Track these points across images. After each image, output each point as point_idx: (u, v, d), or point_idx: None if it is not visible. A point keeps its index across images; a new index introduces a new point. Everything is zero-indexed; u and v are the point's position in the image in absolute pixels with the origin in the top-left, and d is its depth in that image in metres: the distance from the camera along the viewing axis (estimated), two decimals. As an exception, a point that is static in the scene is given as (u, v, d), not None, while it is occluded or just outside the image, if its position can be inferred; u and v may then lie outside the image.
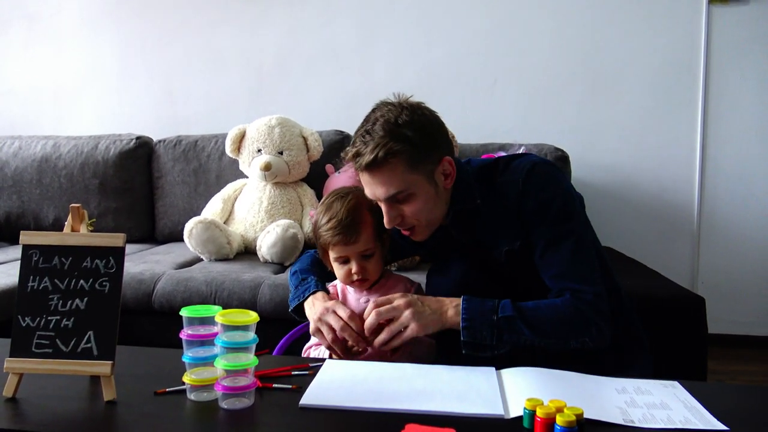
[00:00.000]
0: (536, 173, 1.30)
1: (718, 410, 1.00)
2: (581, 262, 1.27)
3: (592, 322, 1.23)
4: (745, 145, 2.84)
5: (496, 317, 1.20)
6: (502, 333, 1.20)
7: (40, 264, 1.08)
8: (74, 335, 1.05)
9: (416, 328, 1.21)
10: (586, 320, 1.23)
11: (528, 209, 1.29)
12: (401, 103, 1.29)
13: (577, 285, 1.25)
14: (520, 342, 1.22)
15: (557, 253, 1.27)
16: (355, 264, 1.34)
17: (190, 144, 2.89)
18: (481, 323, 1.20)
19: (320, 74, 3.08)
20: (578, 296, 1.24)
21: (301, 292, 1.39)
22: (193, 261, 2.41)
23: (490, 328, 1.20)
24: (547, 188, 1.29)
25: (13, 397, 1.05)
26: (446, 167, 1.30)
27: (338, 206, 1.35)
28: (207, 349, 1.08)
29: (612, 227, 2.85)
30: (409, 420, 0.92)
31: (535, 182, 1.29)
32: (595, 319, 1.24)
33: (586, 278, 1.26)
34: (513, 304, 1.23)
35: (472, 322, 1.20)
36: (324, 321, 1.30)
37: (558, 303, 1.25)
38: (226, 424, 0.99)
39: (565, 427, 0.88)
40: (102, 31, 3.25)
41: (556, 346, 1.24)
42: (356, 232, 1.32)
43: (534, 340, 1.22)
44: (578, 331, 1.23)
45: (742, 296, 2.87)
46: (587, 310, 1.23)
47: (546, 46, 2.92)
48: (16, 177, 2.91)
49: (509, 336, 1.21)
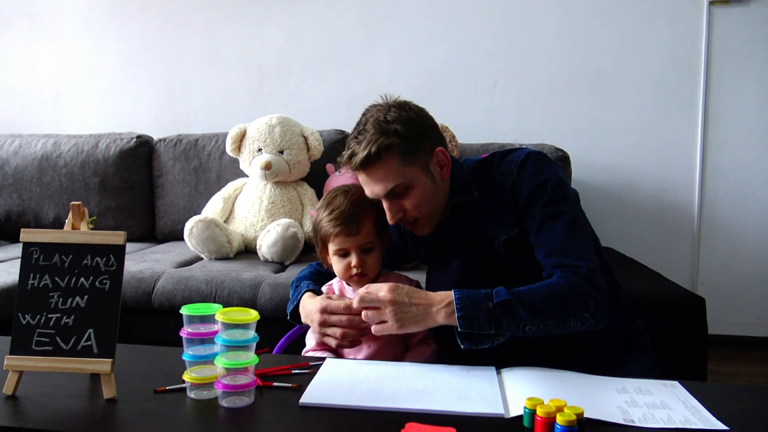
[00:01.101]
0: (530, 161, 1.33)
1: (718, 410, 1.00)
2: (574, 240, 1.27)
3: (588, 296, 1.20)
4: (745, 146, 2.84)
5: (491, 304, 1.17)
6: (500, 319, 1.16)
7: (40, 262, 1.08)
8: (74, 333, 1.05)
9: (394, 327, 1.18)
10: (582, 294, 1.20)
11: (523, 194, 1.31)
12: (388, 103, 1.33)
13: (570, 260, 1.24)
14: (519, 329, 1.17)
15: (551, 231, 1.27)
16: (355, 257, 1.34)
17: (190, 143, 2.89)
18: (477, 311, 1.16)
19: (321, 74, 3.08)
20: (572, 271, 1.22)
21: (295, 297, 1.41)
22: (194, 260, 2.41)
23: (486, 315, 1.16)
24: (540, 173, 1.31)
25: (13, 394, 1.05)
26: (440, 157, 1.34)
27: (341, 199, 1.36)
28: (207, 348, 1.08)
29: (612, 228, 2.85)
30: (409, 419, 0.92)
31: (528, 169, 1.32)
32: (592, 292, 1.21)
33: (580, 254, 1.25)
34: (507, 289, 1.20)
35: (468, 312, 1.16)
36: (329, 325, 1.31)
37: (552, 281, 1.23)
38: (226, 423, 0.99)
39: (566, 427, 0.88)
40: (103, 30, 3.25)
41: (556, 328, 1.19)
42: (358, 224, 1.33)
43: (533, 323, 1.17)
44: (576, 306, 1.20)
45: (743, 297, 2.87)
46: (582, 284, 1.21)
47: (547, 47, 2.92)
48: (16, 175, 2.91)
49: (507, 322, 1.16)
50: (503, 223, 1.34)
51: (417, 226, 1.36)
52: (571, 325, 1.20)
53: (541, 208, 1.29)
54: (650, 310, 1.77)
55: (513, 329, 1.17)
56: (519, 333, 1.17)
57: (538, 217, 1.29)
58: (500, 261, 1.36)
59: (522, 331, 1.17)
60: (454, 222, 1.39)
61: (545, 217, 1.28)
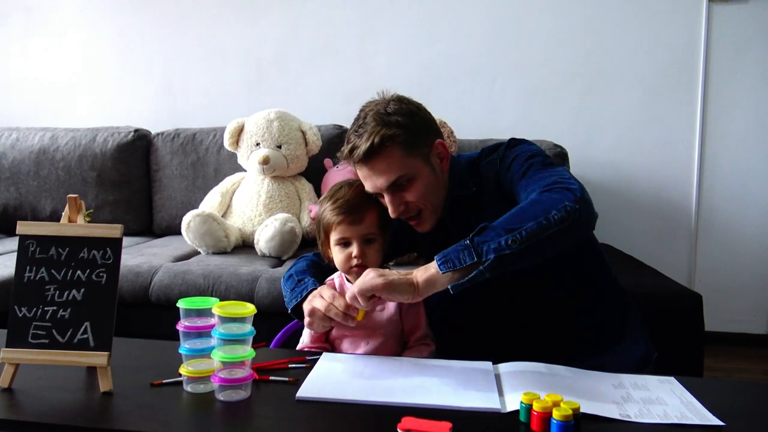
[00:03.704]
0: (509, 147, 1.36)
1: (714, 406, 1.00)
2: (556, 172, 1.23)
3: (565, 186, 1.15)
4: (743, 144, 2.84)
5: (468, 239, 1.11)
6: (479, 245, 1.09)
7: (36, 254, 1.08)
8: (71, 326, 1.05)
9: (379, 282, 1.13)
10: (560, 188, 1.15)
11: (505, 173, 1.33)
12: (386, 98, 1.34)
13: (550, 183, 1.19)
14: (502, 246, 1.08)
15: (531, 172, 1.26)
16: (356, 247, 1.33)
17: (188, 137, 2.88)
18: (456, 251, 1.11)
19: (320, 68, 3.07)
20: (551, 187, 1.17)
21: (299, 292, 1.38)
22: (191, 254, 2.41)
23: (465, 249, 1.10)
24: (517, 148, 1.35)
25: (9, 387, 1.05)
26: (440, 149, 1.35)
27: (345, 190, 1.37)
28: (204, 341, 1.08)
29: (610, 224, 2.85)
30: (405, 413, 0.92)
31: (507, 152, 1.35)
32: (567, 183, 1.16)
33: (561, 178, 1.20)
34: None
35: (447, 256, 1.11)
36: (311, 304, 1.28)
37: (525, 197, 1.20)
38: (223, 416, 0.99)
39: (562, 422, 0.88)
40: (101, 24, 3.24)
41: (540, 230, 1.09)
42: (361, 213, 1.33)
43: (514, 234, 1.08)
44: (555, 200, 1.12)
45: (739, 294, 2.88)
46: (557, 182, 1.17)
47: (545, 43, 2.91)
48: (13, 169, 2.90)
49: (487, 245, 1.08)
50: (498, 215, 1.34)
51: (421, 219, 1.35)
52: (554, 219, 1.09)
53: (522, 161, 1.30)
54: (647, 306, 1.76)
55: (496, 250, 1.08)
56: (505, 251, 1.08)
57: (519, 169, 1.29)
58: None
59: (507, 248, 1.08)
60: (452, 219, 1.39)
61: (526, 167, 1.28)
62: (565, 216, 1.10)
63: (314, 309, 1.26)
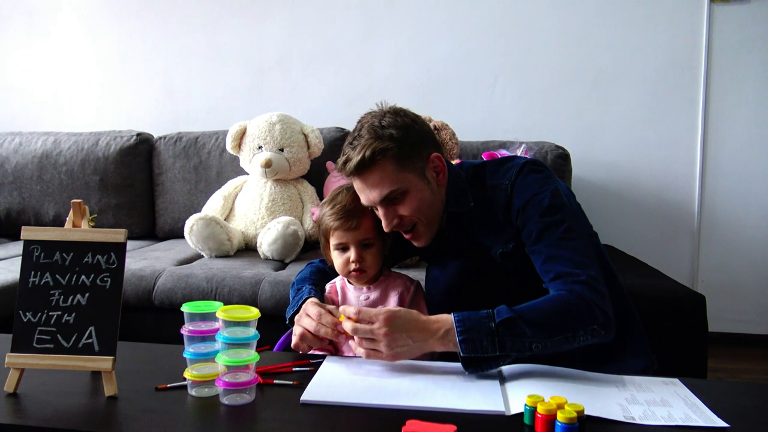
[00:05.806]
0: (522, 175, 1.31)
1: (718, 407, 1.00)
2: (572, 247, 1.23)
3: (594, 305, 1.15)
4: (745, 144, 2.83)
5: (494, 324, 1.11)
6: (504, 340, 1.11)
7: (41, 259, 1.08)
8: (75, 331, 1.05)
9: (389, 358, 1.15)
10: (587, 304, 1.15)
11: (517, 209, 1.29)
12: (383, 110, 1.33)
13: (568, 268, 1.20)
14: (525, 347, 1.12)
15: (548, 240, 1.24)
16: (353, 252, 1.35)
17: (190, 141, 2.89)
18: (479, 333, 1.11)
19: (321, 71, 3.07)
20: (572, 280, 1.18)
21: (296, 302, 1.39)
22: (194, 258, 2.41)
23: (490, 336, 1.10)
24: (533, 186, 1.30)
25: (14, 392, 1.05)
26: (436, 163, 1.33)
27: (344, 195, 1.38)
28: (208, 345, 1.08)
29: (612, 225, 2.85)
30: (410, 416, 0.93)
31: (521, 183, 1.31)
32: (596, 300, 1.16)
33: (579, 262, 1.21)
34: (508, 307, 1.14)
35: (470, 334, 1.11)
36: (299, 325, 1.30)
37: (554, 295, 1.18)
38: (227, 420, 0.99)
39: (566, 424, 0.88)
40: (103, 27, 3.24)
41: (565, 343, 1.14)
42: (358, 218, 1.35)
43: (539, 341, 1.12)
44: (583, 317, 1.14)
45: (743, 294, 2.87)
46: (585, 293, 1.16)
47: (547, 44, 2.91)
48: (16, 173, 2.91)
49: (512, 342, 1.11)
50: (498, 237, 1.34)
51: (416, 234, 1.35)
52: (581, 340, 1.15)
53: (537, 218, 1.26)
54: (650, 307, 1.77)
55: (519, 349, 1.12)
56: (526, 352, 1.12)
57: (534, 228, 1.26)
58: (499, 264, 1.37)
59: (529, 350, 1.12)
60: (451, 229, 1.40)
61: (541, 228, 1.26)
62: (591, 339, 1.16)
63: (304, 333, 1.28)
